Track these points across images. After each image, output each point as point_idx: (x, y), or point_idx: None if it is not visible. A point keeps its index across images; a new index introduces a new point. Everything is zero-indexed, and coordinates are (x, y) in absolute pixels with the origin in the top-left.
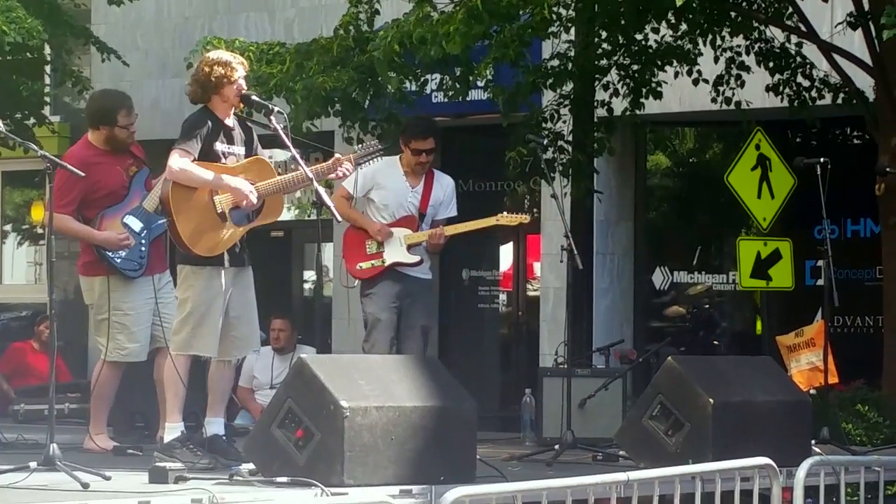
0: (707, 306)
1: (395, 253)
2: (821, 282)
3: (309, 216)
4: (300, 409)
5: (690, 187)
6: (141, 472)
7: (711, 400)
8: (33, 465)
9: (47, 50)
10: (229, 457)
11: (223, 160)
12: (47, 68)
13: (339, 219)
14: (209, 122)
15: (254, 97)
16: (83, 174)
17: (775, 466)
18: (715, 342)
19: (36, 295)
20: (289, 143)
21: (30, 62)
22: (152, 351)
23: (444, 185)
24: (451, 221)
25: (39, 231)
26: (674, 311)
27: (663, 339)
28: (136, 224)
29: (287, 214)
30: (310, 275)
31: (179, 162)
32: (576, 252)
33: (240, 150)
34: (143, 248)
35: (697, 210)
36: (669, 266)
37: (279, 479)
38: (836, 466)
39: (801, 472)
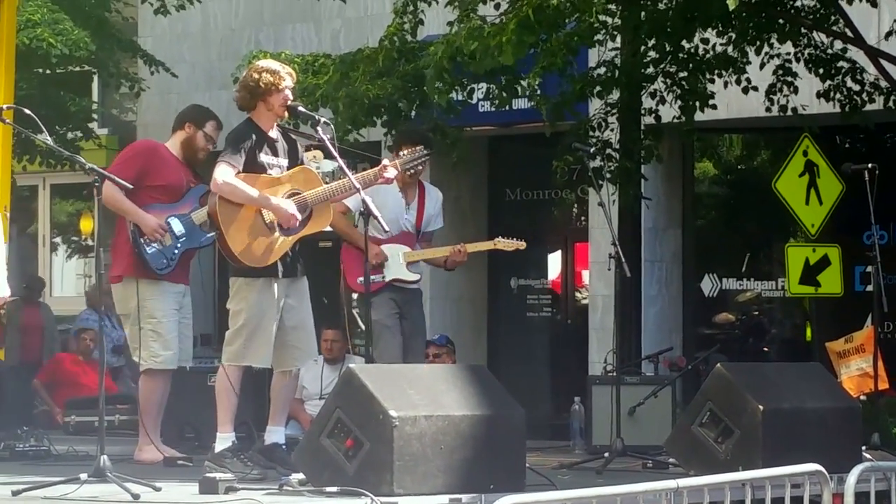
0: (757, 313)
1: (395, 270)
2: (870, 287)
3: (356, 226)
4: (349, 418)
5: (739, 194)
6: (191, 483)
7: (761, 407)
8: (84, 476)
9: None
10: (287, 466)
11: (268, 171)
12: (94, 81)
13: (387, 228)
14: (253, 135)
15: (300, 108)
16: (131, 186)
17: (825, 473)
18: (765, 349)
19: (85, 307)
20: (335, 153)
21: (77, 76)
22: None
23: (435, 199)
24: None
25: (89, 243)
26: (723, 318)
27: (713, 347)
28: (177, 227)
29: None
30: None
31: (224, 175)
32: (623, 260)
33: (283, 161)
34: (175, 251)
35: (746, 217)
36: (718, 273)
37: (329, 489)
38: (887, 472)
39: (852, 478)
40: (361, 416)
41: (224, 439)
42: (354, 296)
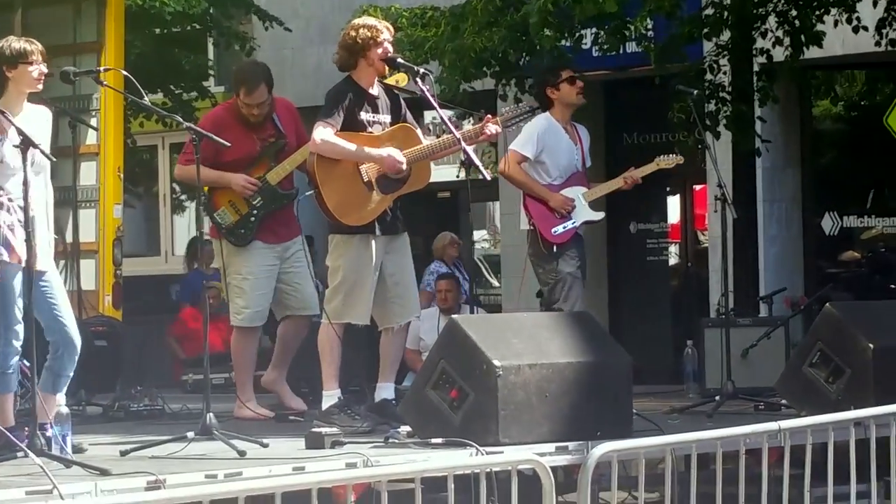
0: (883, 250)
1: (582, 212)
2: None
3: (458, 176)
4: (453, 369)
5: (859, 131)
6: (298, 439)
7: (871, 345)
8: (191, 434)
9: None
10: (399, 421)
11: (368, 129)
12: (210, 40)
13: (489, 177)
14: (351, 93)
15: (399, 59)
16: (229, 144)
17: None
18: (892, 286)
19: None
20: (436, 105)
21: (192, 34)
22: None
23: (587, 135)
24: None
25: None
26: (848, 255)
27: (837, 286)
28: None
29: (452, 174)
30: (480, 234)
31: (322, 134)
32: (729, 201)
33: (385, 118)
34: (252, 219)
35: (866, 154)
36: (839, 211)
37: (434, 441)
38: None
39: None
40: (465, 366)
41: (330, 396)
42: (554, 248)
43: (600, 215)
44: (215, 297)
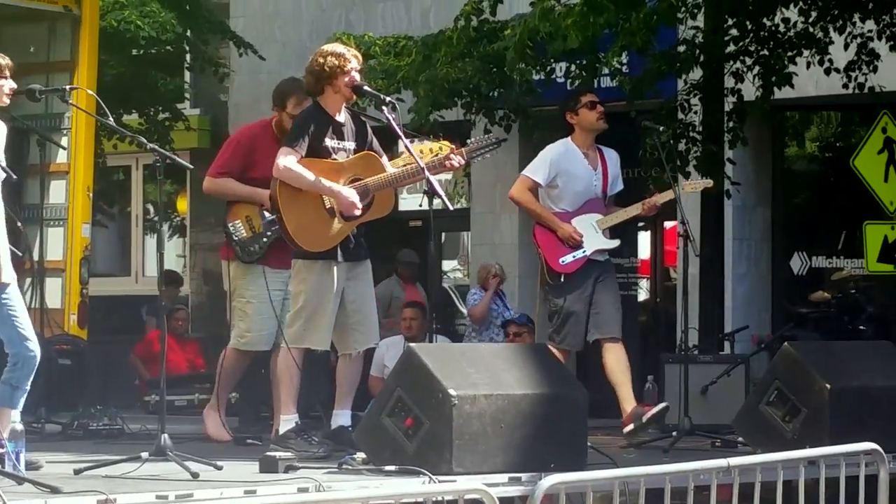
0: (853, 291)
1: (594, 241)
2: None
3: (420, 205)
4: (409, 397)
5: (831, 172)
6: (253, 462)
7: (828, 385)
8: (145, 455)
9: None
10: (356, 448)
11: (333, 156)
12: (186, 61)
13: (451, 207)
14: (317, 119)
15: (366, 88)
16: (192, 167)
17: (882, 452)
18: (861, 327)
19: (183, 287)
20: (401, 134)
21: (167, 56)
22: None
23: (615, 160)
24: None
25: (186, 223)
26: (818, 296)
27: (805, 326)
28: (268, 214)
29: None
30: (451, 264)
31: (285, 160)
32: (692, 238)
33: (350, 145)
34: (264, 240)
35: (837, 195)
36: (808, 251)
37: (387, 468)
38: None
39: None
40: (421, 394)
41: (287, 421)
42: (562, 279)
43: (615, 243)
44: (184, 319)
